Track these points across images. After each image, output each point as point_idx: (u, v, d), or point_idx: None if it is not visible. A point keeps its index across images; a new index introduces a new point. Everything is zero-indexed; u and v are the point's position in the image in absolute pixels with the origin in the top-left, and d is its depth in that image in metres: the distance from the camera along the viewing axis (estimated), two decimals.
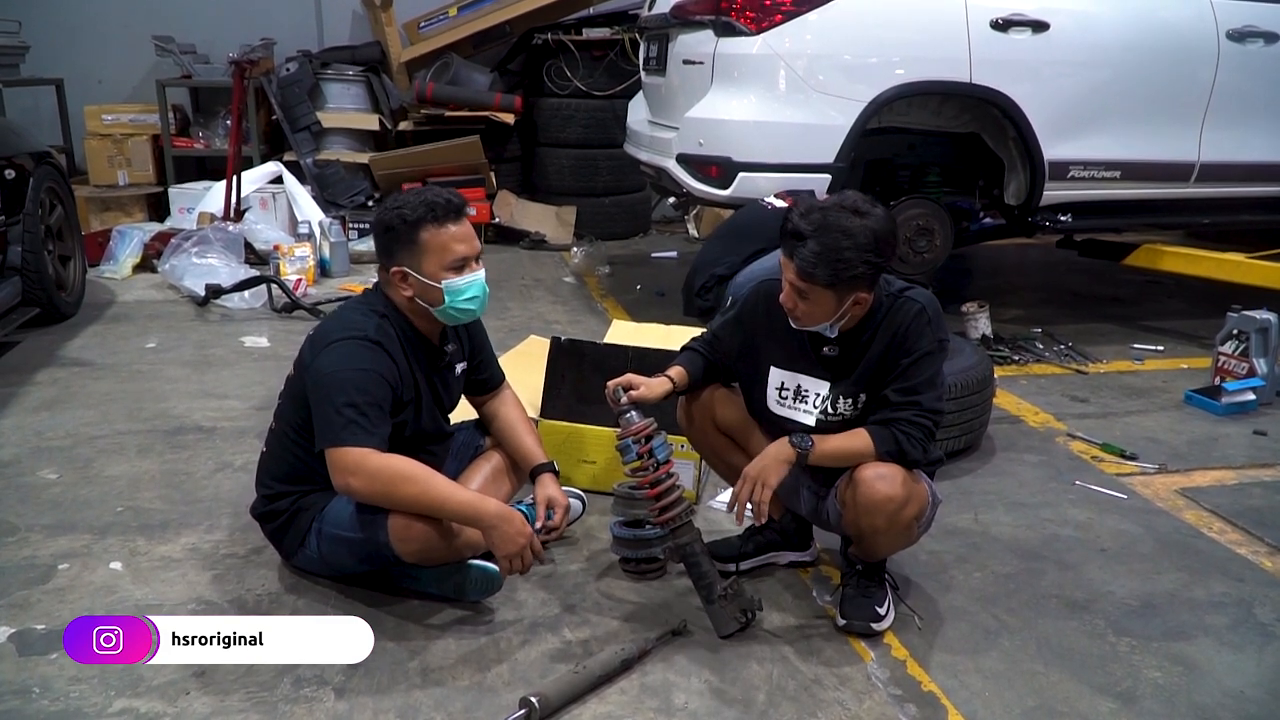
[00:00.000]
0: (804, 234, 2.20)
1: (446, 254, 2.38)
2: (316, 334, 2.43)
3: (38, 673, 2.17)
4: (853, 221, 2.19)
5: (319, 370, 2.32)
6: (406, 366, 2.42)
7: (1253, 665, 2.32)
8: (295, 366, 2.48)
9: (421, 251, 2.38)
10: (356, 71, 6.86)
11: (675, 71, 4.73)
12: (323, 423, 2.28)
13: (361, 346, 2.32)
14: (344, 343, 2.33)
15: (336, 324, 2.42)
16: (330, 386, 2.28)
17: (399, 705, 2.09)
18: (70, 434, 3.47)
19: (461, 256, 2.40)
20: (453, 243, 2.39)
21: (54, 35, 6.87)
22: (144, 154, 6.68)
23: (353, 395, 2.26)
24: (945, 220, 4.70)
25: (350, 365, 2.30)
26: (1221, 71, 4.60)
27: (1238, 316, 4.01)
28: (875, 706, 2.14)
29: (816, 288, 2.23)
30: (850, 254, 2.18)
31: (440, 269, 2.38)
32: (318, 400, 2.30)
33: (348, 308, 2.50)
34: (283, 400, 2.52)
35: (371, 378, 2.30)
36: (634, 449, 2.36)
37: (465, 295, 2.42)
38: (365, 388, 2.28)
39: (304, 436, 2.40)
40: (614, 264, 6.18)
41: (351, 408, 2.24)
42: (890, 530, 2.30)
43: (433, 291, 2.40)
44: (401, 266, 2.40)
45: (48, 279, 4.56)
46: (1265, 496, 3.18)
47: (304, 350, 2.44)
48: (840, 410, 2.37)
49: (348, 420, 2.24)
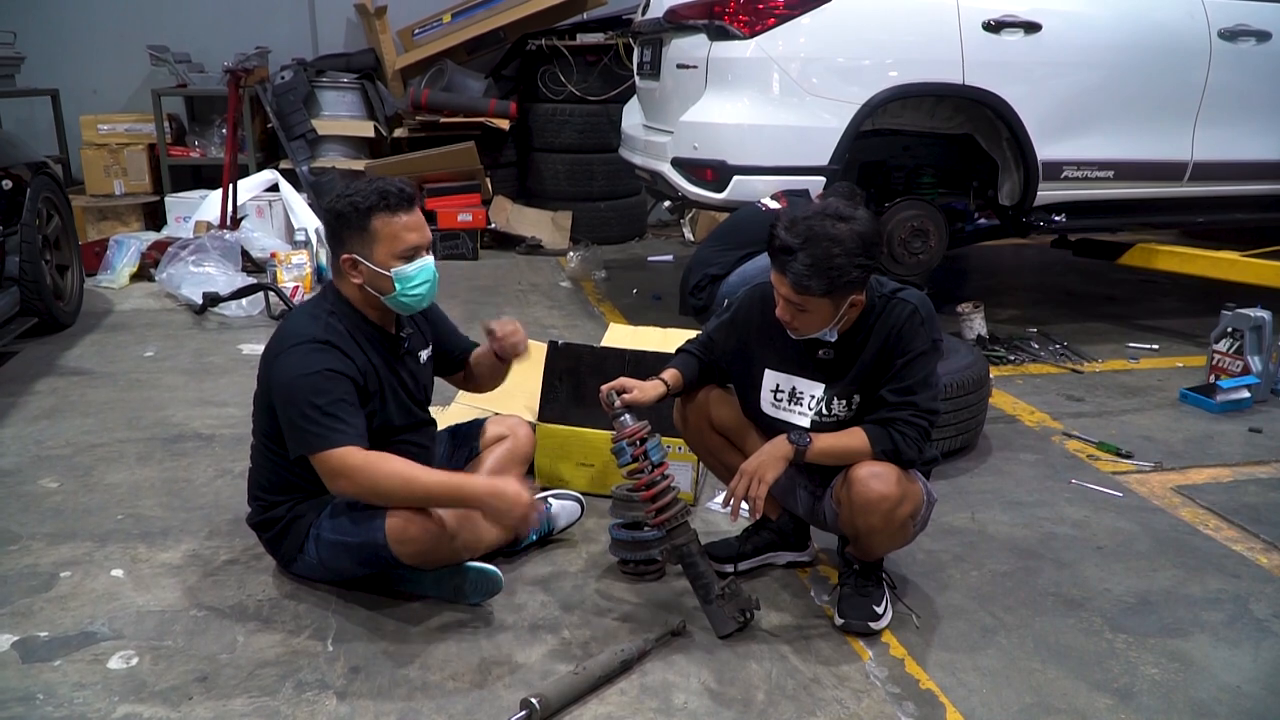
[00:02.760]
0: (792, 248, 2.21)
1: (397, 242, 2.38)
2: (268, 348, 2.43)
3: (41, 679, 2.18)
4: (839, 228, 2.20)
5: (276, 383, 2.33)
6: (364, 359, 2.41)
7: (1249, 661, 2.33)
8: (257, 380, 2.48)
9: (372, 239, 2.37)
10: (351, 79, 6.87)
11: (669, 76, 4.75)
12: (293, 433, 2.29)
13: (311, 350, 2.32)
14: (293, 350, 2.33)
15: (283, 334, 2.41)
16: (291, 396, 2.28)
17: (400, 708, 2.10)
18: (70, 442, 3.47)
19: (412, 245, 2.39)
20: (404, 231, 2.38)
21: (49, 46, 6.88)
22: (140, 163, 6.70)
23: (314, 399, 2.26)
24: (940, 221, 4.72)
25: (304, 370, 2.29)
26: (1214, 71, 4.62)
27: (1232, 315, 4.03)
28: (874, 705, 2.15)
29: (813, 299, 2.24)
30: (841, 260, 2.19)
31: (390, 257, 2.38)
32: (283, 412, 2.31)
33: (293, 316, 2.48)
34: (254, 412, 2.52)
35: (327, 377, 2.30)
36: (628, 451, 2.38)
37: (415, 282, 2.41)
38: (324, 388, 2.28)
39: (279, 446, 2.40)
40: (610, 268, 6.19)
41: (316, 410, 2.25)
42: (886, 529, 2.31)
43: (382, 279, 2.39)
44: (352, 254, 2.39)
45: (45, 289, 4.56)
46: (1260, 493, 3.19)
47: (260, 365, 2.44)
48: (835, 411, 2.38)
49: (317, 425, 2.24)
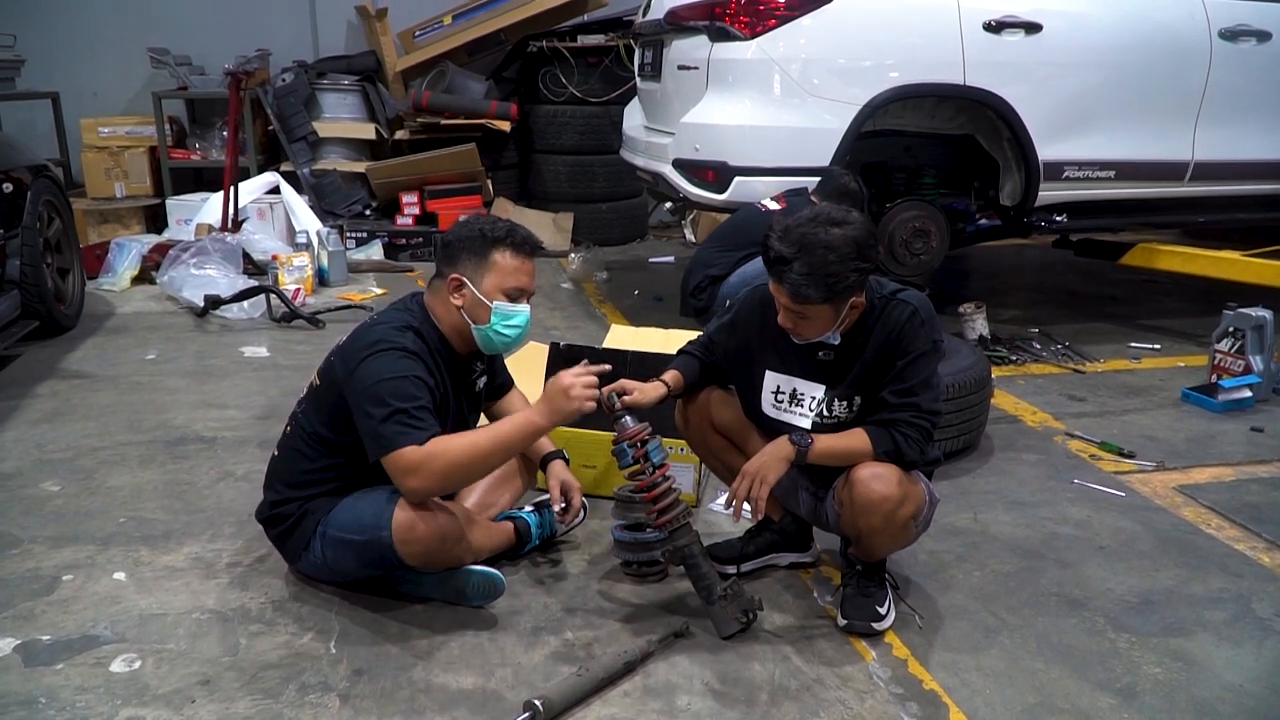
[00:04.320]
0: (788, 257, 2.21)
1: (509, 278, 2.41)
2: (349, 347, 2.41)
3: (44, 683, 2.17)
4: (832, 234, 2.20)
5: (358, 383, 2.31)
6: (439, 379, 2.42)
7: (1251, 660, 2.33)
8: (320, 376, 2.47)
9: (487, 268, 2.40)
10: (352, 81, 6.87)
11: (670, 77, 4.75)
12: (372, 435, 2.27)
13: (401, 356, 2.33)
14: (380, 354, 2.33)
15: (371, 336, 2.39)
16: (374, 397, 2.27)
17: (403, 710, 2.10)
18: (71, 446, 3.48)
19: (521, 287, 2.43)
20: (519, 271, 2.42)
21: (49, 49, 6.88)
22: (141, 166, 6.70)
23: (397, 403, 2.25)
24: (941, 222, 4.72)
25: (390, 373, 2.29)
26: (1214, 71, 4.62)
27: (1234, 314, 4.03)
28: (877, 705, 2.15)
29: (813, 306, 2.24)
30: (837, 266, 2.18)
31: (498, 290, 2.40)
32: (363, 414, 2.29)
33: (380, 321, 2.47)
34: (303, 407, 2.51)
35: (413, 382, 2.30)
36: (629, 453, 2.38)
37: (511, 321, 2.43)
38: (409, 393, 2.28)
39: (320, 446, 2.42)
40: (611, 269, 6.20)
41: (402, 412, 2.24)
42: (887, 530, 2.31)
43: (481, 309, 2.40)
44: (461, 276, 2.41)
45: (47, 292, 4.56)
46: (1262, 492, 3.19)
47: (335, 364, 2.41)
48: (835, 413, 2.38)
49: (400, 425, 2.23)
